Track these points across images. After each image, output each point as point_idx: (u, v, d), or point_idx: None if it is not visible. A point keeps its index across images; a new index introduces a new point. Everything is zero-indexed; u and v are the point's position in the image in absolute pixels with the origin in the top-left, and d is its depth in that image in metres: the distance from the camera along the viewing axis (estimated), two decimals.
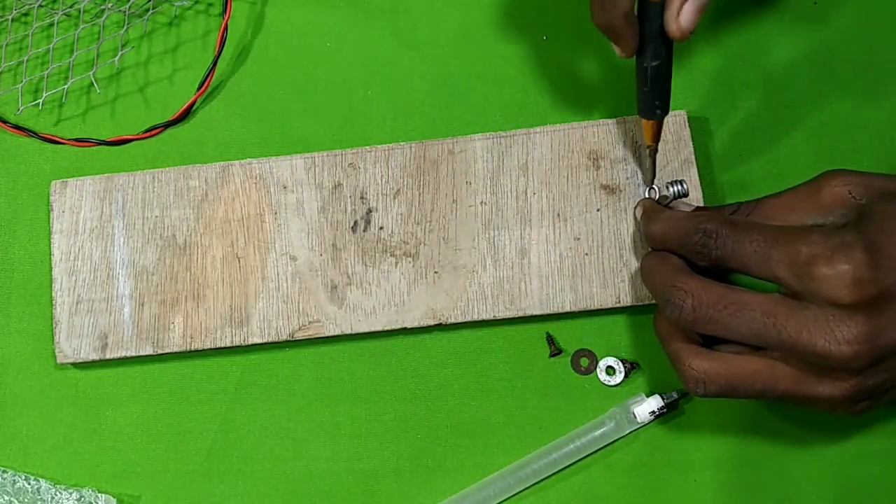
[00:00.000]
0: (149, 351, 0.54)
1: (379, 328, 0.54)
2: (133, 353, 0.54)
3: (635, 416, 0.52)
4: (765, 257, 0.44)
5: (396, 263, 0.55)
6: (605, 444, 0.52)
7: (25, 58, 0.60)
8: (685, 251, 0.48)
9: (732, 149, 0.57)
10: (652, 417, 0.52)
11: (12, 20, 0.61)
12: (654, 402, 0.52)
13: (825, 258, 0.42)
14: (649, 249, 0.51)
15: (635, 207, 0.54)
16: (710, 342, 0.47)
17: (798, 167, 0.56)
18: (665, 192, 0.52)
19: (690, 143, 0.55)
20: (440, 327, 0.54)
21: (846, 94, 0.57)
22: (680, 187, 0.51)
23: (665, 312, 0.47)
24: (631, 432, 0.53)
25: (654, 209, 0.52)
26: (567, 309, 0.54)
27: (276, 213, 0.55)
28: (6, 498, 0.52)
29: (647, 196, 0.54)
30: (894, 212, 0.43)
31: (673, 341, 0.48)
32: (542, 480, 0.52)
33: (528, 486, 0.52)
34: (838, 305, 0.42)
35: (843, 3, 0.59)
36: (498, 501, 0.52)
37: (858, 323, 0.42)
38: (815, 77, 0.58)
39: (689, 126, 0.55)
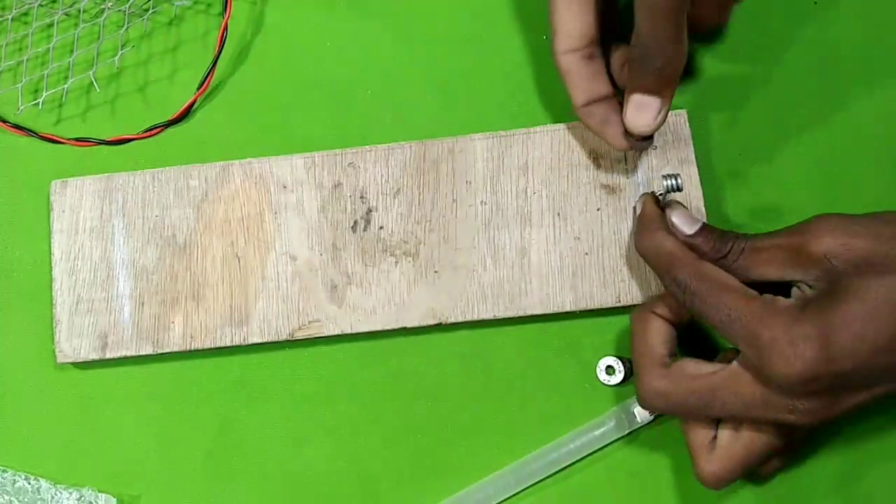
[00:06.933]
0: (149, 350, 0.54)
1: (379, 328, 0.54)
2: (133, 353, 0.54)
3: (635, 416, 0.52)
4: (727, 328, 0.46)
5: (396, 263, 0.54)
6: (605, 444, 0.52)
7: (25, 57, 0.60)
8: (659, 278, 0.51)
9: (732, 148, 0.57)
10: (652, 417, 0.52)
11: (12, 20, 0.61)
12: None
13: (779, 352, 0.44)
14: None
15: (635, 204, 0.53)
16: None
17: (798, 167, 0.56)
18: (661, 186, 0.52)
19: (690, 143, 0.55)
20: (440, 327, 0.54)
21: (847, 94, 0.57)
22: (674, 181, 0.51)
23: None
24: (631, 432, 0.52)
25: (649, 218, 0.51)
26: (567, 309, 0.54)
27: (276, 213, 0.55)
28: (6, 497, 0.52)
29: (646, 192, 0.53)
30: (862, 292, 0.44)
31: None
32: (542, 480, 0.52)
33: (528, 486, 0.52)
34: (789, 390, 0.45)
35: (843, 2, 0.59)
36: (498, 501, 0.52)
37: (811, 400, 0.45)
38: (816, 77, 0.58)
39: (689, 125, 0.55)
